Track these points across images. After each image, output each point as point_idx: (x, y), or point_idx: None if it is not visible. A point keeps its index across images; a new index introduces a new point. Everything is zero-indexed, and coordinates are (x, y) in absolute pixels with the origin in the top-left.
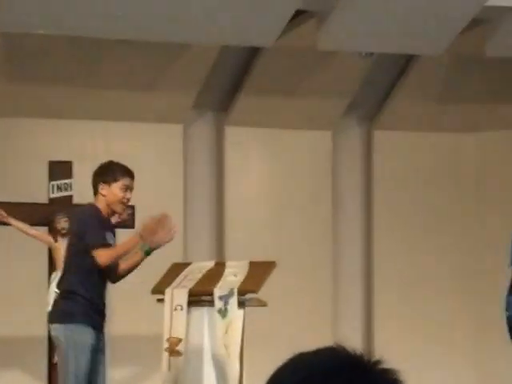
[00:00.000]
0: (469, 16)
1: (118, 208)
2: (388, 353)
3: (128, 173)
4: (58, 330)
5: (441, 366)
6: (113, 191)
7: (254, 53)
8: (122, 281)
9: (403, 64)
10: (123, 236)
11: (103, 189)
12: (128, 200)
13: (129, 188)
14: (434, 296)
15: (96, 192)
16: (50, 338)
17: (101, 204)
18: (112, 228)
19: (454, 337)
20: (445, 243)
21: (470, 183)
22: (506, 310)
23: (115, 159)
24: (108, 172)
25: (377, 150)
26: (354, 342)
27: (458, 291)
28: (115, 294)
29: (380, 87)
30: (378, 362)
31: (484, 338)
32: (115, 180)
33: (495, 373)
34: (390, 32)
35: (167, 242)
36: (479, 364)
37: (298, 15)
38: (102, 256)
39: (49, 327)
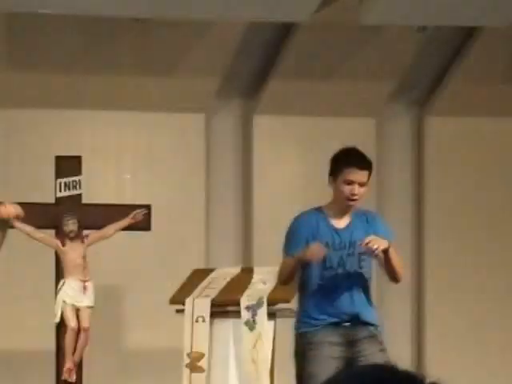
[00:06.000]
0: None
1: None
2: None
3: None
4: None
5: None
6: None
7: (286, 30)
8: (138, 289)
9: (462, 39)
10: (138, 237)
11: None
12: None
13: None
14: (492, 307)
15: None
16: (58, 352)
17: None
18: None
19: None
20: (502, 245)
21: None
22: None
23: (129, 153)
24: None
25: (429, 140)
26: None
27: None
28: (130, 304)
29: (434, 67)
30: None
31: None
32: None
33: None
34: (445, 2)
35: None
36: None
37: None
38: None
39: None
